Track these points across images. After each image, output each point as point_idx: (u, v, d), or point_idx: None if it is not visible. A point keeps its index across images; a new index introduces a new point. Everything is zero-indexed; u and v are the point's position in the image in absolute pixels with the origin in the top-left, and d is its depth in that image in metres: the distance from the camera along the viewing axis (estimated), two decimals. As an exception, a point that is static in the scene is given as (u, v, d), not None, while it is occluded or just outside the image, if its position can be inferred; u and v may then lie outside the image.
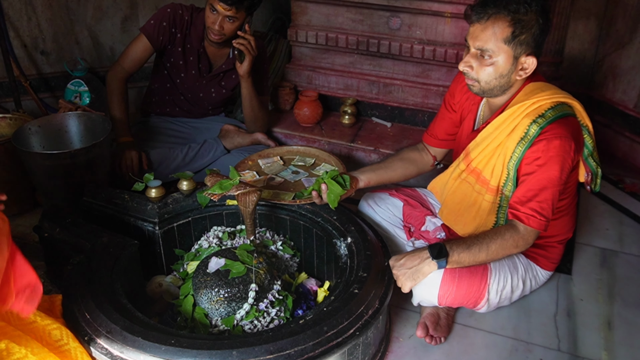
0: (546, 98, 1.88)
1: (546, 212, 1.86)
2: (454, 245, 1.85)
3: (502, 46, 1.82)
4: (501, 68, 1.86)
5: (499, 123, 1.94)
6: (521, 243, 1.89)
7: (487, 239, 1.87)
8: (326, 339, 1.62)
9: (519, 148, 1.88)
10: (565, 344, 2.02)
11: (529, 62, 1.86)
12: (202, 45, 2.77)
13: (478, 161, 1.99)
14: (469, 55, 1.89)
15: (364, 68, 3.29)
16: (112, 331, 1.62)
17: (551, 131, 1.82)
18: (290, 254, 2.20)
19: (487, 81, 1.89)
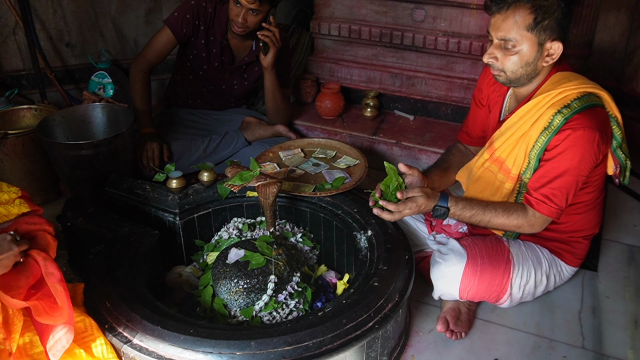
0: (573, 88, 1.83)
1: (558, 199, 1.82)
2: (458, 212, 1.90)
3: (525, 34, 1.78)
4: (526, 56, 1.82)
5: (523, 112, 1.90)
6: (526, 226, 1.88)
7: (493, 213, 1.89)
8: (345, 332, 1.61)
9: (542, 138, 1.84)
10: (590, 341, 1.97)
11: (554, 48, 1.81)
12: (225, 38, 2.77)
13: (502, 150, 1.95)
14: (492, 47, 1.86)
15: (387, 60, 3.26)
16: (132, 320, 1.62)
17: (576, 121, 1.78)
18: (309, 246, 2.19)
19: (513, 70, 1.85)
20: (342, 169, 2.36)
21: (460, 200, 1.93)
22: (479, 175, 2.03)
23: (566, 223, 2.01)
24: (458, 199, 1.94)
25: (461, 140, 2.33)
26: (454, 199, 1.92)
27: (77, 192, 2.42)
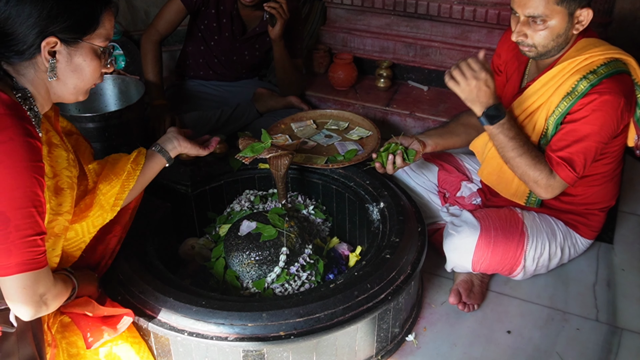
0: (599, 54, 1.77)
1: (577, 165, 1.78)
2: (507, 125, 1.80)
3: (555, 8, 1.71)
4: (557, 28, 1.75)
5: (546, 80, 1.84)
6: (542, 184, 1.81)
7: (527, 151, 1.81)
8: (356, 304, 1.61)
9: (564, 103, 1.79)
10: (604, 314, 1.96)
11: (584, 15, 1.75)
12: (235, 8, 2.72)
13: (522, 118, 1.90)
14: (520, 24, 1.78)
15: (400, 30, 3.20)
16: (145, 292, 1.64)
17: (603, 86, 1.73)
18: (322, 218, 2.18)
19: (545, 44, 1.79)
20: (355, 141, 2.34)
21: (511, 118, 1.86)
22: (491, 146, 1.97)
23: (582, 195, 1.97)
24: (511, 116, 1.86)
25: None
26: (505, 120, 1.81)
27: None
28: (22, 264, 1.21)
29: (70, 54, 1.32)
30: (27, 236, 1.20)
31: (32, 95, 1.33)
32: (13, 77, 1.32)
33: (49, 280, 1.29)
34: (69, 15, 1.27)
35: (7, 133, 1.19)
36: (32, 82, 1.33)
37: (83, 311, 1.50)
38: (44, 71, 1.32)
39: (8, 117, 1.21)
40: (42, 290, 1.27)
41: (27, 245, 1.20)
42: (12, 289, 1.23)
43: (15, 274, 1.21)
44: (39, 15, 1.24)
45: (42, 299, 1.28)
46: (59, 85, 1.36)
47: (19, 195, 1.19)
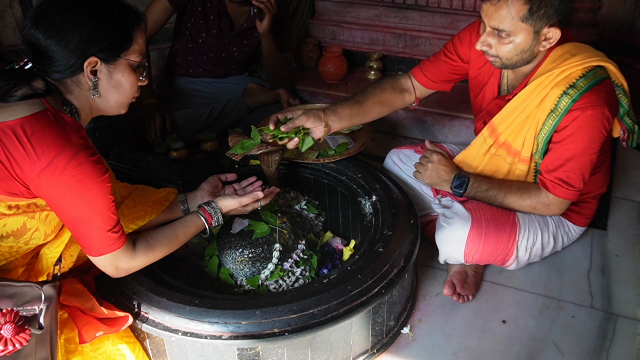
0: (576, 64, 1.74)
1: (574, 181, 1.79)
2: (476, 184, 1.92)
3: (520, 25, 1.67)
4: (522, 45, 1.71)
5: (526, 95, 1.81)
6: (540, 208, 1.87)
7: (508, 190, 1.90)
8: (350, 298, 1.61)
9: (550, 121, 1.77)
10: (599, 301, 1.96)
11: (552, 33, 1.70)
12: (222, 4, 2.71)
13: (507, 134, 1.89)
14: (485, 34, 1.74)
15: (389, 21, 3.19)
16: (138, 292, 1.63)
17: (584, 100, 1.71)
18: (314, 213, 2.18)
19: (509, 57, 1.76)
20: (346, 135, 2.33)
21: (477, 174, 1.94)
22: (488, 161, 1.97)
23: None
24: (476, 174, 1.94)
25: (416, 77, 2.16)
26: (471, 173, 1.92)
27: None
28: (100, 250, 1.45)
29: (110, 72, 1.44)
30: (105, 232, 1.43)
31: (77, 110, 1.46)
32: (62, 92, 1.43)
33: (127, 257, 1.51)
34: (106, 36, 1.39)
35: (82, 155, 1.34)
36: (77, 98, 1.45)
37: (81, 306, 1.54)
38: (87, 89, 1.44)
39: (79, 139, 1.36)
40: (122, 265, 1.51)
41: (105, 237, 1.44)
42: (100, 265, 1.50)
43: (99, 255, 1.46)
44: (79, 39, 1.35)
45: (118, 270, 1.52)
46: (101, 101, 1.48)
47: (99, 205, 1.39)
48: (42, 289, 1.38)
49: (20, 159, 1.31)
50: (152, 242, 1.59)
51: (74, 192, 1.35)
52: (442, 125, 2.85)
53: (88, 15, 1.36)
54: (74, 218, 1.39)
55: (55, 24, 1.34)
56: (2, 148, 1.31)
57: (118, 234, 1.46)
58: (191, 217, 1.73)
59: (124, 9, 1.43)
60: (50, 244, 1.54)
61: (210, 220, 1.74)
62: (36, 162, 1.31)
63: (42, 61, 1.38)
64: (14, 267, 1.52)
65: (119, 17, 1.41)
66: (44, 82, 1.39)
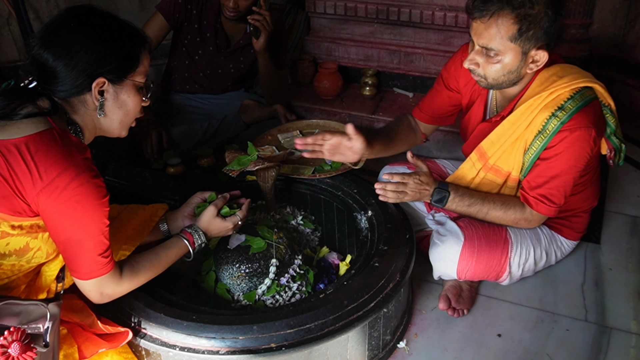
0: (564, 86, 1.75)
1: (556, 198, 1.82)
2: (457, 198, 1.90)
3: (509, 44, 1.68)
4: (509, 65, 1.73)
5: (515, 118, 1.82)
6: (522, 223, 1.89)
7: (491, 205, 1.90)
8: (346, 313, 1.62)
9: (537, 142, 1.79)
10: (593, 314, 1.98)
11: (539, 56, 1.72)
12: (218, 21, 2.74)
13: (496, 158, 1.90)
14: (473, 53, 1.75)
15: (384, 37, 3.23)
16: (136, 308, 1.64)
17: (572, 122, 1.73)
18: (311, 228, 2.19)
19: (495, 78, 1.77)
20: (341, 150, 2.35)
21: (460, 187, 1.93)
22: (477, 184, 1.98)
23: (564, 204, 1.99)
24: (458, 186, 1.93)
25: (417, 117, 2.22)
26: (453, 185, 1.92)
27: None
28: (88, 274, 1.44)
29: (117, 92, 1.46)
30: (94, 256, 1.42)
31: (81, 129, 1.47)
32: (67, 112, 1.45)
33: (112, 282, 1.50)
34: (115, 58, 1.41)
35: (84, 177, 1.35)
36: (82, 118, 1.47)
37: (81, 322, 1.55)
38: (93, 109, 1.45)
39: (82, 161, 1.37)
40: (107, 290, 1.50)
41: (94, 262, 1.43)
42: (85, 289, 1.49)
43: (86, 279, 1.45)
44: (88, 60, 1.38)
45: (102, 296, 1.50)
46: (106, 121, 1.50)
47: (92, 228, 1.39)
48: (48, 307, 1.39)
49: (22, 177, 1.32)
50: (137, 267, 1.57)
51: (70, 213, 1.35)
52: (437, 141, 2.87)
53: (97, 36, 1.38)
54: (66, 239, 1.39)
55: (65, 44, 1.36)
56: (6, 165, 1.31)
57: (107, 259, 1.45)
58: (174, 240, 1.72)
59: (133, 31, 1.46)
60: (50, 262, 1.54)
61: (193, 244, 1.73)
62: (38, 180, 1.32)
63: (49, 80, 1.39)
64: (17, 285, 1.53)
65: (127, 39, 1.43)
66: (50, 101, 1.41)
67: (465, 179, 2.00)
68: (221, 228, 1.80)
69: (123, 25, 1.45)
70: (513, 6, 1.64)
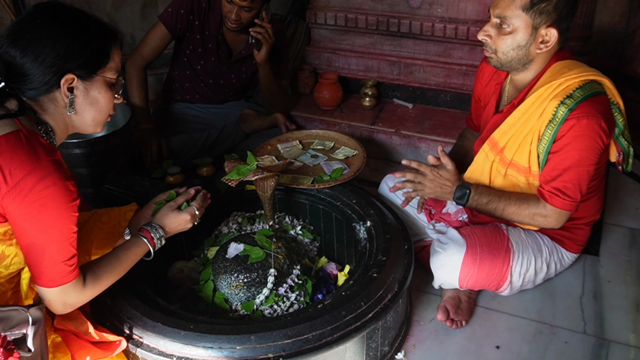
0: (574, 77, 1.79)
1: (571, 192, 1.81)
2: (477, 196, 1.93)
3: (520, 14, 1.76)
4: (519, 38, 1.79)
5: (526, 107, 1.85)
6: (539, 219, 1.88)
7: (507, 201, 1.91)
8: (344, 323, 1.61)
9: (549, 131, 1.81)
10: (592, 326, 1.97)
11: (549, 34, 1.78)
12: (220, 32, 2.75)
13: (512, 152, 1.91)
14: (488, 25, 1.85)
15: (384, 49, 3.24)
16: (133, 317, 1.63)
17: (580, 110, 1.75)
18: (309, 238, 2.19)
19: (505, 52, 1.83)
20: (341, 160, 2.36)
21: (479, 185, 1.96)
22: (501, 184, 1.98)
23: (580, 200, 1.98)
24: (477, 184, 1.96)
25: (468, 125, 2.34)
26: (474, 184, 1.95)
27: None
28: (51, 281, 1.39)
29: (87, 89, 1.43)
30: (57, 263, 1.37)
31: (52, 129, 1.44)
32: (36, 112, 1.42)
33: (76, 292, 1.44)
34: (83, 53, 1.38)
35: (50, 179, 1.31)
36: (53, 117, 1.43)
37: (76, 330, 1.53)
38: (63, 106, 1.42)
39: (49, 162, 1.32)
40: (70, 300, 1.44)
41: (57, 269, 1.38)
42: (47, 298, 1.43)
43: (48, 287, 1.40)
44: (56, 55, 1.34)
45: (65, 306, 1.45)
46: (77, 119, 1.47)
47: (56, 233, 1.35)
48: (29, 311, 1.36)
49: None
50: (99, 272, 1.51)
51: (34, 216, 1.31)
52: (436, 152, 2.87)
53: (65, 32, 1.35)
54: (29, 243, 1.34)
55: (32, 41, 1.33)
56: None
57: (72, 267, 1.40)
58: (133, 240, 1.66)
59: (101, 26, 1.43)
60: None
61: (152, 240, 1.67)
62: (2, 184, 1.28)
63: (17, 79, 1.36)
64: (2, 292, 1.50)
65: (96, 34, 1.41)
66: (18, 102, 1.38)
67: (482, 172, 2.01)
68: (179, 221, 1.74)
69: (92, 20, 1.42)
70: None
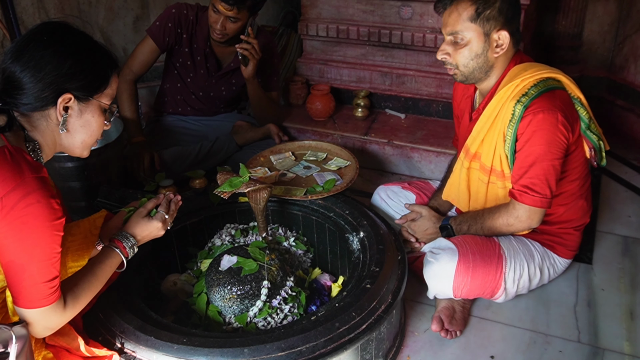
0: (529, 76, 1.86)
1: (539, 187, 1.84)
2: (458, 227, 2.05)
3: (470, 25, 1.84)
4: (475, 47, 1.87)
5: (489, 112, 1.93)
6: (513, 221, 1.92)
7: (482, 218, 2.00)
8: (338, 335, 1.61)
9: (510, 130, 1.87)
10: (586, 335, 1.97)
11: (502, 37, 1.86)
12: (208, 45, 2.75)
13: (490, 158, 1.95)
14: (444, 44, 1.92)
15: (376, 59, 3.26)
16: (126, 331, 1.62)
17: (534, 106, 1.81)
18: (303, 249, 2.19)
19: (465, 64, 1.90)
20: (333, 171, 2.36)
21: (456, 217, 2.06)
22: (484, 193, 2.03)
23: (554, 214, 2.01)
24: (455, 217, 2.05)
25: (454, 145, 2.37)
26: (452, 217, 2.04)
27: (69, 204, 2.41)
28: (31, 302, 1.35)
29: (81, 110, 1.44)
30: (38, 283, 1.33)
31: (40, 147, 1.44)
32: (25, 129, 1.41)
33: (57, 314, 1.40)
34: (85, 75, 1.40)
35: (34, 196, 1.29)
36: (42, 134, 1.43)
37: (67, 345, 1.52)
38: (56, 124, 1.42)
39: (34, 180, 1.31)
40: (51, 324, 1.40)
41: (37, 289, 1.33)
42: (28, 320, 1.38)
43: (29, 308, 1.36)
44: (57, 73, 1.36)
45: (45, 330, 1.41)
46: (67, 138, 1.46)
47: (38, 252, 1.31)
48: (13, 329, 1.33)
49: None
50: (77, 291, 1.47)
51: (15, 234, 1.28)
52: (429, 162, 2.89)
53: (71, 52, 1.37)
54: (8, 262, 1.31)
55: (35, 57, 1.34)
56: None
57: (52, 289, 1.35)
58: (105, 252, 1.61)
59: (105, 52, 1.46)
60: None
61: (124, 249, 1.63)
62: None
63: (13, 92, 1.36)
64: None
65: (99, 59, 1.43)
66: (7, 118, 1.37)
67: (460, 185, 2.07)
68: (150, 228, 1.70)
69: (96, 45, 1.45)
70: None
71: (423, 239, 2.16)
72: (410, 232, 2.20)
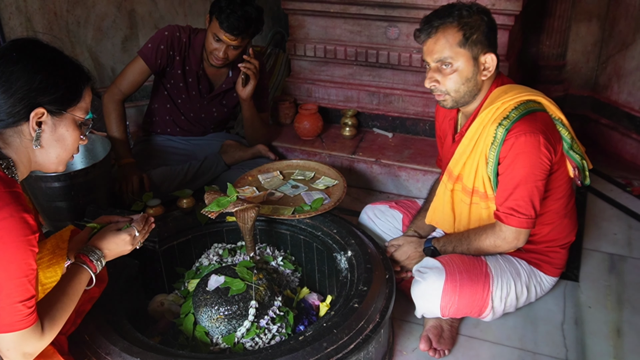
0: (509, 99, 1.88)
1: (524, 209, 1.86)
2: (442, 248, 2.07)
3: (459, 50, 1.84)
4: (465, 72, 1.88)
5: (471, 134, 1.94)
6: (501, 244, 1.93)
7: (467, 239, 2.01)
8: (326, 355, 1.60)
9: (492, 153, 1.88)
10: (573, 353, 1.98)
11: (488, 60, 1.88)
12: (201, 67, 2.76)
13: (471, 179, 1.97)
14: (430, 71, 1.91)
15: (363, 79, 3.29)
16: (111, 353, 1.61)
17: (516, 129, 1.83)
18: (291, 269, 2.18)
19: (456, 89, 1.90)
20: (321, 190, 2.37)
21: (440, 238, 2.07)
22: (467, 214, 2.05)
23: (539, 234, 2.02)
24: (439, 238, 2.07)
25: (438, 166, 2.37)
26: (435, 239, 2.06)
27: (55, 224, 2.40)
28: (7, 325, 1.29)
29: (55, 125, 1.42)
30: (15, 303, 1.28)
31: (14, 164, 1.41)
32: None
33: (35, 338, 1.35)
34: (56, 89, 1.39)
35: (7, 210, 1.27)
36: (16, 151, 1.41)
37: None
38: (29, 140, 1.40)
39: (7, 194, 1.29)
40: (29, 349, 1.34)
41: (14, 310, 1.29)
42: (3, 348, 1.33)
43: (4, 332, 1.30)
44: (28, 88, 1.34)
45: (24, 356, 1.35)
46: (42, 154, 1.45)
47: (14, 268, 1.27)
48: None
49: None
50: (53, 313, 1.42)
51: None
52: (416, 180, 2.90)
53: (41, 66, 1.36)
54: None
55: (5, 73, 1.33)
56: None
57: (30, 310, 1.31)
58: (72, 270, 1.55)
59: (76, 65, 1.45)
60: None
61: (91, 263, 1.57)
62: None
63: None
64: None
65: (70, 72, 1.42)
66: None
67: (445, 207, 2.08)
68: (117, 241, 1.65)
69: (67, 59, 1.44)
70: (454, 17, 1.85)
71: (409, 266, 2.14)
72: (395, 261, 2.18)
